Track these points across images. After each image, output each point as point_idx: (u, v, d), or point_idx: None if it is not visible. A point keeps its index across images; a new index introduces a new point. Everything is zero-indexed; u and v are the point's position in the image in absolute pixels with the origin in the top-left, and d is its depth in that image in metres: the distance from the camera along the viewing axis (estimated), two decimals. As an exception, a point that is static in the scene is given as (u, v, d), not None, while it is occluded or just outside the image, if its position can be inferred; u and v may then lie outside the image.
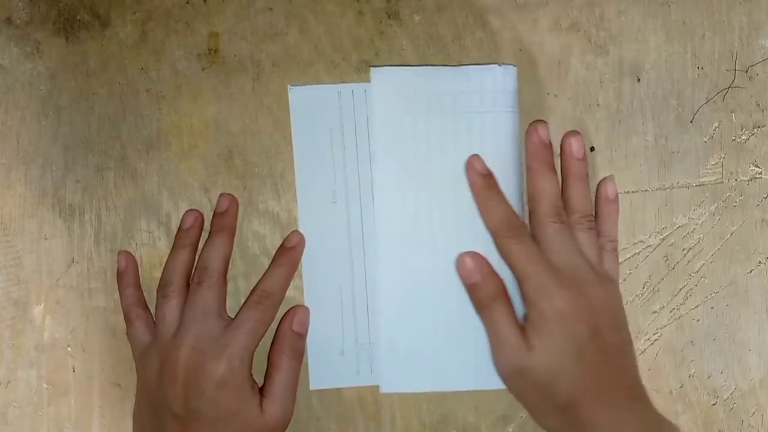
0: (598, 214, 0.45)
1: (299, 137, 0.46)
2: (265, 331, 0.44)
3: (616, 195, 0.45)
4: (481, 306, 0.43)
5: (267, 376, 0.44)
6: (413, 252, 0.45)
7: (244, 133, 0.46)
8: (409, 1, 0.46)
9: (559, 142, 0.45)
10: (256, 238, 0.46)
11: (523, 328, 0.41)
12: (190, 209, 0.46)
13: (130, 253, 0.46)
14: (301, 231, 0.46)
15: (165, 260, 0.46)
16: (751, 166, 0.46)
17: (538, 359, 0.40)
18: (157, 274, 0.46)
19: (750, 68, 0.46)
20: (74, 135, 0.46)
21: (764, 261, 0.47)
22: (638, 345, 0.46)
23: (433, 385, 0.45)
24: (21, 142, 0.46)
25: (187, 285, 0.45)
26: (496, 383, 0.43)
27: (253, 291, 0.45)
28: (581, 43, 0.46)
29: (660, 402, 0.46)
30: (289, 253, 0.45)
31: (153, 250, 0.47)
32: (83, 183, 0.47)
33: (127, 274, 0.46)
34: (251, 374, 0.43)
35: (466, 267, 0.43)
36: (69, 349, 0.47)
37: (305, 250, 0.46)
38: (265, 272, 0.45)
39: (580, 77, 0.46)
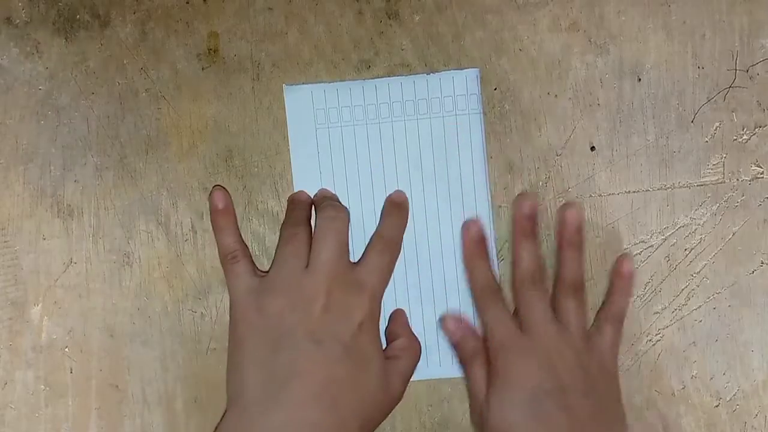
0: (610, 286, 0.46)
1: (296, 137, 0.46)
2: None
3: (631, 273, 0.45)
4: (461, 362, 0.46)
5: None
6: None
7: (244, 133, 0.46)
8: (409, 1, 0.46)
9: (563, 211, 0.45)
10: (256, 238, 0.46)
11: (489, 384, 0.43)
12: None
13: (225, 191, 0.46)
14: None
15: (164, 260, 0.46)
16: (753, 165, 0.46)
17: (491, 414, 0.42)
18: (157, 275, 0.46)
19: (751, 68, 0.46)
20: (73, 135, 0.46)
21: (766, 261, 0.46)
22: (640, 346, 0.46)
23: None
24: (20, 142, 0.46)
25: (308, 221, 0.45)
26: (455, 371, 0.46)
27: (375, 239, 0.45)
28: (581, 43, 0.46)
29: (662, 404, 0.46)
30: (398, 206, 0.46)
31: (152, 251, 0.46)
32: (82, 183, 0.46)
33: (226, 212, 0.45)
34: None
35: (447, 327, 0.46)
36: (67, 350, 0.46)
37: None
38: (382, 223, 0.45)
39: (581, 77, 0.46)
